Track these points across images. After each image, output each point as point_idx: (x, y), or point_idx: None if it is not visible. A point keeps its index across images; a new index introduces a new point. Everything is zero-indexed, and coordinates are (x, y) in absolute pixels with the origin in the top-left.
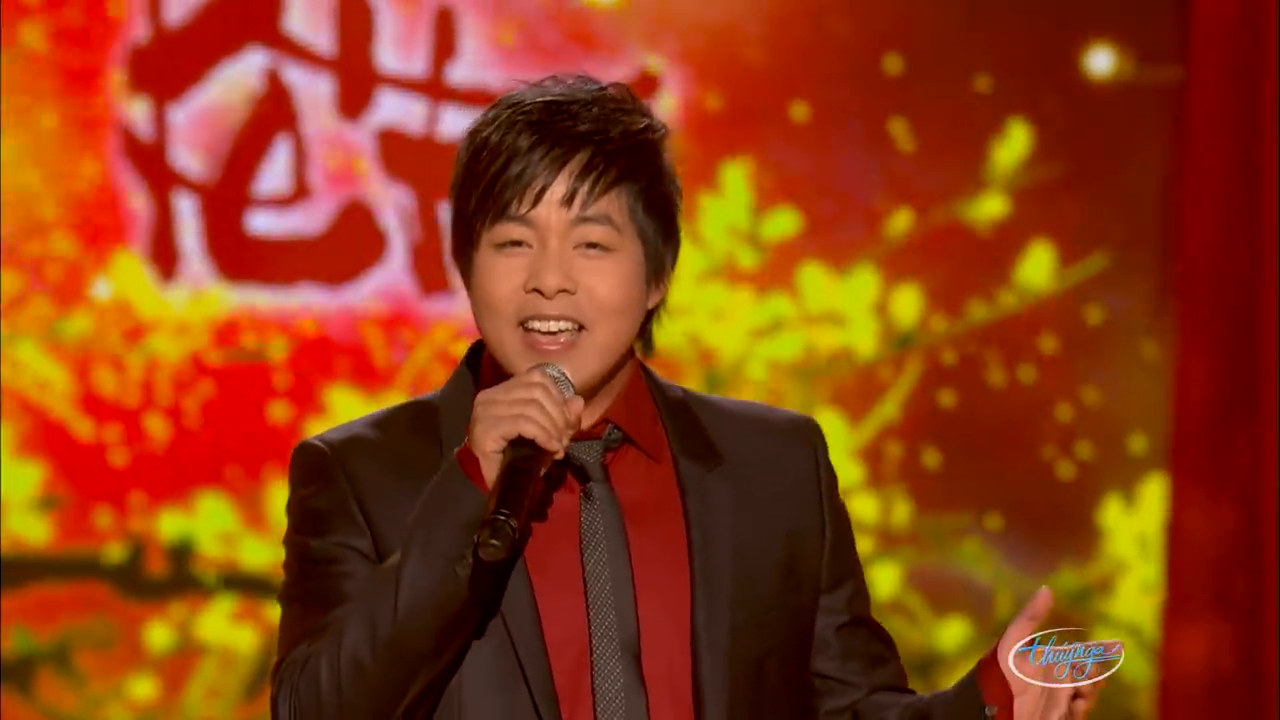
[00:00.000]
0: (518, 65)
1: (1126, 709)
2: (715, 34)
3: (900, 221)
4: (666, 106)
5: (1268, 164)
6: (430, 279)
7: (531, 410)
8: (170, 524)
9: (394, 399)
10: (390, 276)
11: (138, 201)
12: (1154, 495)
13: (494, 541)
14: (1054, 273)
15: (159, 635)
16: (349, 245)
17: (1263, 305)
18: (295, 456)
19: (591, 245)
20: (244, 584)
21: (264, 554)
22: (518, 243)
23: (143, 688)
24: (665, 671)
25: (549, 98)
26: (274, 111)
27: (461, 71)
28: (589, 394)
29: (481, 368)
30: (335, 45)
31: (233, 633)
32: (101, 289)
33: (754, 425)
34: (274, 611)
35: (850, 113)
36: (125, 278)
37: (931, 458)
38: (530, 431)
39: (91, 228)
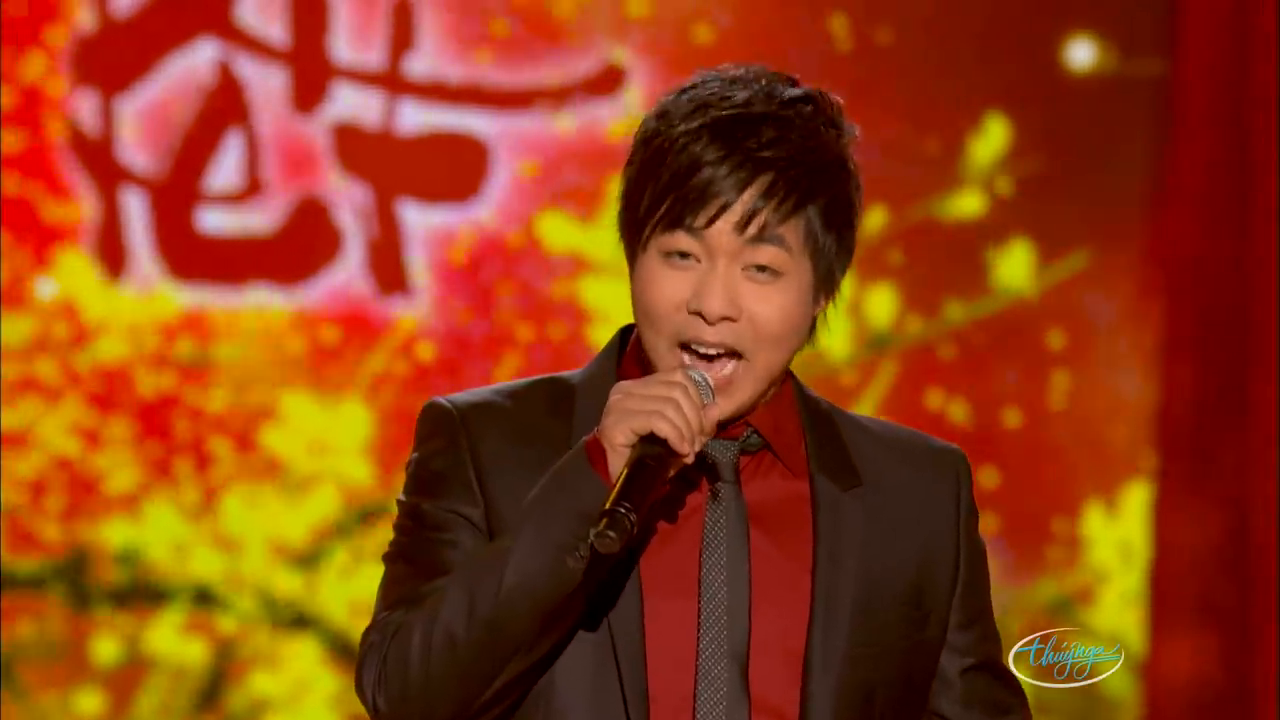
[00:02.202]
0: (478, 57)
1: None
2: (681, 25)
3: (874, 219)
4: (631, 101)
5: (1255, 159)
6: (387, 278)
7: (668, 409)
8: (118, 532)
9: (350, 402)
10: (346, 276)
11: (84, 198)
12: (1137, 502)
13: (610, 533)
14: (1034, 272)
15: (106, 648)
16: (303, 243)
17: (1250, 306)
18: (422, 414)
19: (761, 269)
20: (194, 594)
21: (215, 563)
22: (685, 254)
23: (89, 702)
24: (771, 688)
25: (739, 107)
26: (225, 105)
27: (420, 64)
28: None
29: (625, 353)
30: (289, 36)
31: (183, 645)
32: (46, 288)
33: (899, 450)
34: (225, 624)
35: None
36: (71, 277)
37: None
38: (663, 430)
39: (36, 225)
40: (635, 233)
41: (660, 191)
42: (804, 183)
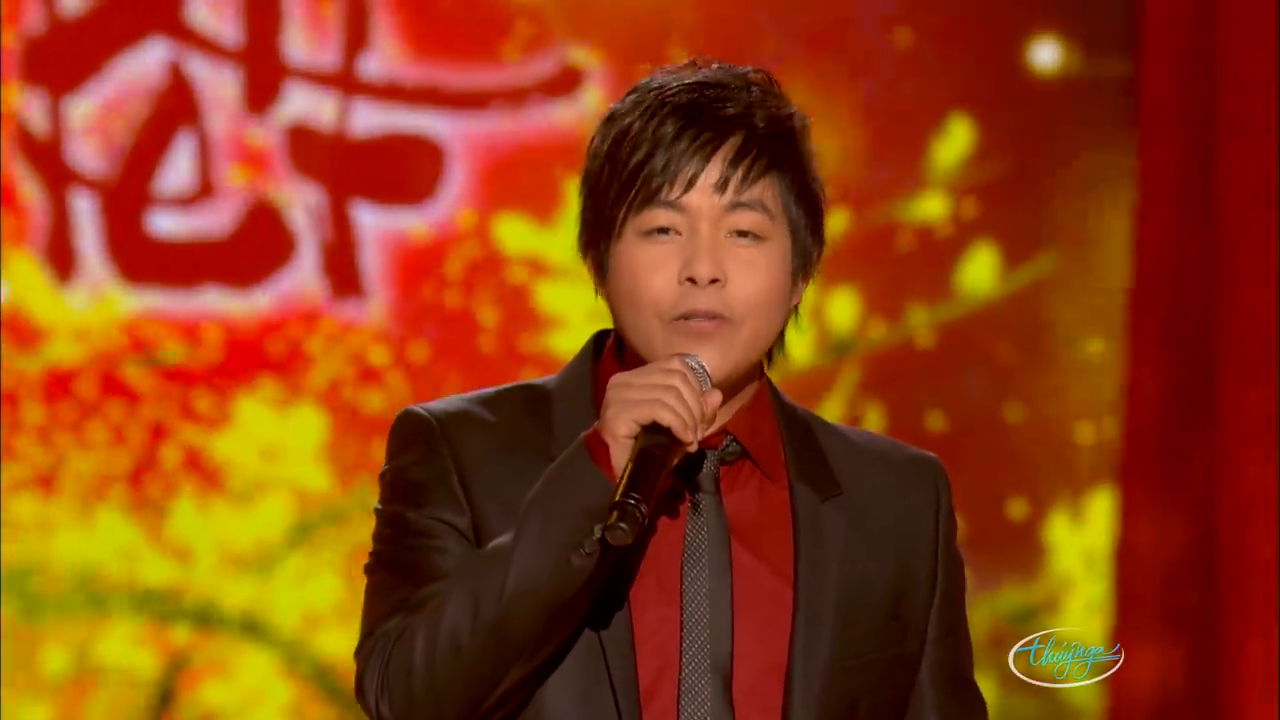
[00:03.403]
0: (433, 58)
1: None
2: (643, 25)
3: (836, 222)
4: (591, 102)
5: (1221, 160)
6: (342, 281)
7: (669, 397)
8: (67, 540)
9: (303, 407)
10: (299, 279)
11: (33, 200)
12: (1102, 509)
13: (623, 525)
14: (998, 276)
15: (55, 658)
16: (256, 246)
17: (1217, 309)
18: (397, 423)
19: (743, 234)
20: (145, 603)
21: (166, 572)
22: (665, 230)
23: (37, 712)
24: (754, 698)
25: (692, 80)
26: (176, 106)
27: (374, 64)
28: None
29: (601, 358)
30: (241, 36)
31: (133, 655)
32: None
33: (877, 459)
34: (176, 633)
35: None
36: (20, 280)
37: None
38: (666, 419)
39: None
40: (606, 225)
41: (629, 174)
42: (771, 145)
